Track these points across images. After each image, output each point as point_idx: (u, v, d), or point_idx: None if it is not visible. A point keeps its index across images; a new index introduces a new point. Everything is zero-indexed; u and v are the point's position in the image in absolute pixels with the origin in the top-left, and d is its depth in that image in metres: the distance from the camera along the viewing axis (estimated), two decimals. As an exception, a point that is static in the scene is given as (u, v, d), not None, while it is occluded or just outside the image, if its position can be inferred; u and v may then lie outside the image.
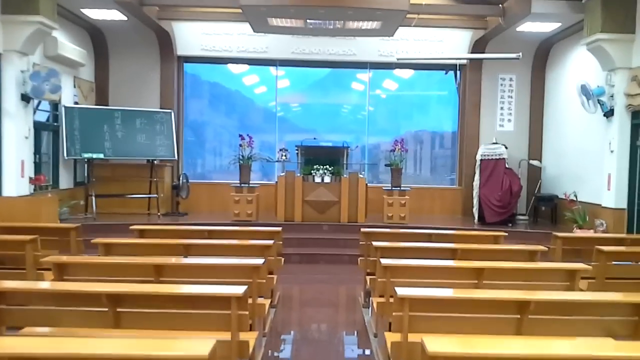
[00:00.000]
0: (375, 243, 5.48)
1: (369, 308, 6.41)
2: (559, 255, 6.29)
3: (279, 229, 6.35)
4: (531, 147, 11.67)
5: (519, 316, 3.57)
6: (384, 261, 4.44)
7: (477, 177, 10.47)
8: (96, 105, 11.06)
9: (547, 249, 5.78)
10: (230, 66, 12.28)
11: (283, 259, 6.67)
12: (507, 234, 6.52)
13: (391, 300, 4.44)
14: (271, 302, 6.26)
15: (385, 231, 6.68)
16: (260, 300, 4.58)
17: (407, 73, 12.48)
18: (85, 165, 10.53)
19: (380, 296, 4.82)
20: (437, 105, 12.84)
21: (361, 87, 12.52)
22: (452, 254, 5.40)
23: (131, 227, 6.35)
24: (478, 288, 4.45)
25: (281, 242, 6.57)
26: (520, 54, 9.60)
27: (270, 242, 5.37)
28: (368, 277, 6.13)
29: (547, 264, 5.01)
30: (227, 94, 12.82)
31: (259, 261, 4.28)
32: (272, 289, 5.93)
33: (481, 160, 10.41)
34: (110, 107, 10.95)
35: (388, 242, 5.85)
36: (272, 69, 12.09)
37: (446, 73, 12.31)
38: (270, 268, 5.59)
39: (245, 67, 12.29)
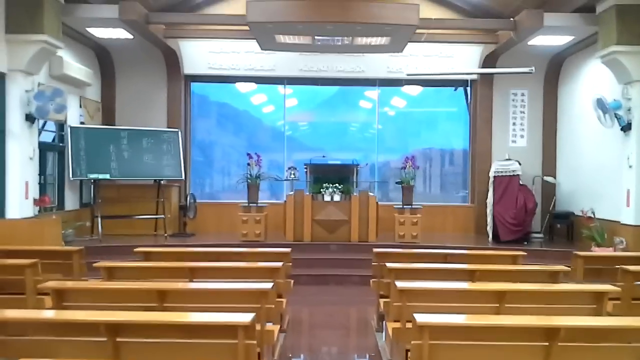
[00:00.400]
0: (389, 264, 5.24)
1: (382, 332, 6.16)
2: (581, 275, 6.03)
3: (288, 249, 6.13)
4: (545, 163, 11.42)
5: (547, 344, 3.33)
6: (399, 284, 4.20)
7: (490, 194, 10.22)
8: (103, 125, 10.95)
9: (568, 269, 5.51)
10: (239, 85, 12.14)
11: (292, 281, 6.43)
12: (526, 253, 6.26)
13: (408, 325, 4.20)
14: (280, 326, 6.02)
15: (399, 251, 6.43)
16: (268, 326, 4.35)
17: (416, 90, 12.27)
18: (91, 186, 10.37)
19: (396, 321, 4.58)
20: (446, 122, 12.62)
21: (369, 104, 12.35)
22: (470, 276, 5.15)
23: (135, 249, 6.14)
24: (499, 313, 4.20)
25: (290, 264, 6.34)
26: (533, 68, 9.39)
27: (279, 264, 5.15)
28: (381, 300, 5.89)
29: (572, 286, 4.76)
30: (235, 113, 12.67)
31: (268, 285, 4.06)
32: (281, 313, 5.69)
33: (495, 177, 10.16)
34: (116, 127, 10.82)
35: (402, 263, 5.61)
36: (280, 87, 11.95)
37: (455, 90, 12.14)
38: (279, 291, 5.37)
39: (253, 86, 12.16)
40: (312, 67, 11.37)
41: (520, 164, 10.40)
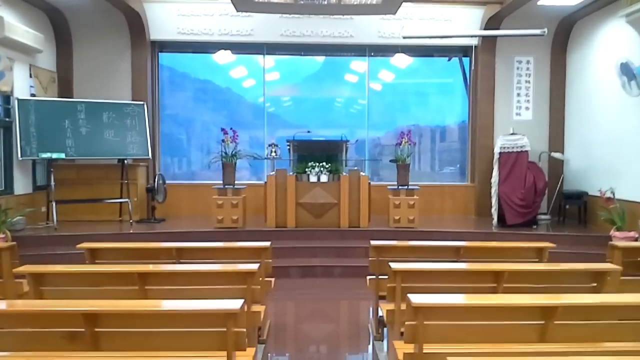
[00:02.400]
0: (394, 266, 4.15)
1: (382, 341, 5.11)
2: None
3: (267, 244, 5.01)
4: (552, 137, 10.37)
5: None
6: (414, 299, 3.11)
7: (495, 172, 9.15)
8: (60, 98, 9.65)
9: (614, 267, 4.47)
10: (216, 57, 10.85)
11: (273, 280, 5.34)
12: (554, 245, 5.22)
13: (427, 349, 3.15)
14: (259, 336, 4.95)
15: (401, 244, 5.34)
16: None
17: (406, 62, 11.07)
18: (46, 166, 9.15)
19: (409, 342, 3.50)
20: (439, 95, 11.49)
21: (355, 78, 11.20)
22: (496, 278, 4.10)
23: (79, 245, 4.99)
24: (548, 332, 3.15)
25: (270, 260, 5.24)
26: (545, 29, 8.33)
27: (255, 266, 4.03)
28: (382, 305, 4.83)
29: None
30: (214, 88, 11.42)
31: (236, 305, 2.94)
32: (258, 326, 4.61)
33: (500, 153, 9.08)
34: (71, 99, 9.52)
35: (407, 261, 4.54)
36: (259, 58, 10.70)
37: (449, 60, 11.04)
38: (256, 299, 4.26)
39: (232, 58, 10.87)
40: (294, 32, 10.14)
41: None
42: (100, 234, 8.19)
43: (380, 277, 5.17)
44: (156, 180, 9.40)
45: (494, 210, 9.08)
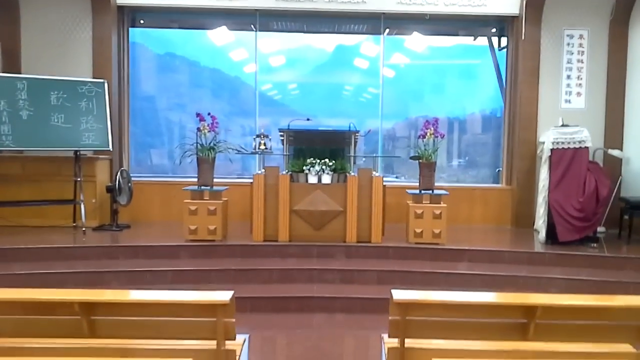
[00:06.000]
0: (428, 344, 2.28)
1: None
2: None
3: (227, 298, 3.08)
4: (608, 130, 8.40)
5: None
6: None
7: (544, 174, 7.21)
8: (3, 73, 7.80)
9: None
10: (212, 35, 9.01)
11: (240, 349, 3.48)
12: None
13: None
14: None
15: (439, 301, 3.36)
16: None
17: (422, 44, 9.23)
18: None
19: None
20: (462, 79, 9.64)
21: (366, 63, 9.36)
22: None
23: None
24: None
25: (233, 320, 3.34)
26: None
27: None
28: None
29: None
30: (208, 72, 9.64)
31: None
32: None
33: (552, 150, 7.12)
34: (8, 74, 7.63)
35: (445, 319, 2.68)
36: (251, 27, 8.77)
37: (475, 39, 9.13)
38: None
39: (230, 38, 9.06)
40: (293, -4, 8.24)
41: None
42: (37, 247, 6.39)
43: (405, 344, 3.30)
44: (118, 177, 7.53)
45: (542, 223, 7.13)
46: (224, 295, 3.06)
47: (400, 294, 3.10)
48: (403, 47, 9.31)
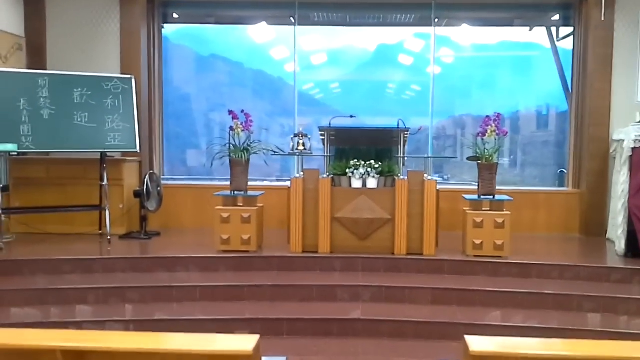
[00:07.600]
0: None
1: None
2: None
3: (250, 348, 2.38)
4: (693, 127, 7.40)
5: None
6: None
7: (624, 176, 6.27)
8: (28, 70, 7.33)
9: None
10: (251, 33, 8.44)
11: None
12: None
13: None
14: None
15: (536, 354, 2.59)
16: None
17: (469, 37, 8.46)
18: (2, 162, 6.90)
19: None
20: (517, 73, 8.80)
21: (410, 59, 8.70)
22: None
23: None
24: None
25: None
26: None
27: None
28: None
29: None
30: (250, 72, 9.17)
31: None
32: None
33: (633, 149, 6.18)
34: (30, 70, 7.15)
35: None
36: (290, 20, 8.08)
37: (531, 29, 8.25)
38: None
39: (270, 35, 8.47)
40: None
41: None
42: (56, 259, 5.86)
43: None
44: (146, 181, 6.97)
45: (621, 233, 6.21)
46: (246, 343, 2.39)
47: (478, 343, 2.33)
48: (449, 41, 8.56)
